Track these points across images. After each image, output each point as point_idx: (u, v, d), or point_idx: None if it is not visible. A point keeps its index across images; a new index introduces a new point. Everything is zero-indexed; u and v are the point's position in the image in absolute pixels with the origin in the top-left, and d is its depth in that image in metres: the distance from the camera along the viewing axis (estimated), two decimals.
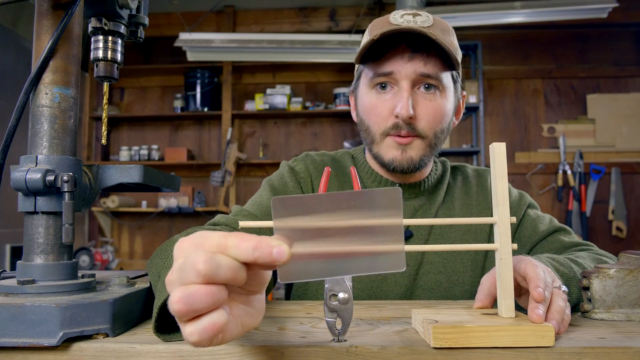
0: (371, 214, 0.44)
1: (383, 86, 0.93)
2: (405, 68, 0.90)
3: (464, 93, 1.03)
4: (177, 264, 0.40)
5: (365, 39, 0.95)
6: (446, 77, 0.94)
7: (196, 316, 0.39)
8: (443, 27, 0.92)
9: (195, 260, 0.38)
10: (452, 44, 0.91)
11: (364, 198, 0.44)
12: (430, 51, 0.90)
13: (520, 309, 0.61)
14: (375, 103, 0.94)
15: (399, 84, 0.92)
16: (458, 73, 0.98)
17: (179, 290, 0.38)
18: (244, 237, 0.40)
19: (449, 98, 0.95)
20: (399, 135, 0.92)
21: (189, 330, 0.38)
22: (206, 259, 0.38)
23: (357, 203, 0.43)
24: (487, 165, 3.76)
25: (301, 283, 1.00)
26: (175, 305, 0.38)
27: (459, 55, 0.94)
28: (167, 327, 0.57)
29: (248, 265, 0.41)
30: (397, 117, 0.91)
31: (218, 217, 0.95)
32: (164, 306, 0.54)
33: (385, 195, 0.44)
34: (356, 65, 1.01)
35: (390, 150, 0.94)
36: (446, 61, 0.91)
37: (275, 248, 0.39)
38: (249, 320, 0.44)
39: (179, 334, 0.56)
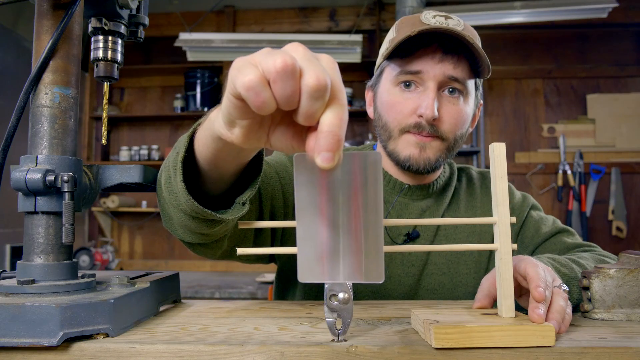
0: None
1: (407, 84, 0.92)
2: (434, 69, 0.89)
3: (481, 102, 1.02)
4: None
5: (392, 35, 0.94)
6: (471, 83, 0.93)
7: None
8: (472, 32, 0.91)
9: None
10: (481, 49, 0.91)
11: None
12: (460, 55, 0.89)
13: (521, 309, 0.61)
14: (398, 100, 0.93)
15: (425, 83, 0.90)
16: (480, 81, 0.97)
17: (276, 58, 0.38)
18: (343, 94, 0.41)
19: (470, 104, 0.95)
20: (420, 134, 0.92)
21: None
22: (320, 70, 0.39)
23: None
24: (487, 166, 3.76)
25: (302, 282, 0.99)
26: (266, 72, 0.38)
27: None
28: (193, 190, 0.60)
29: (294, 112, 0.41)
30: (420, 116, 0.90)
31: None
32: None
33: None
34: (378, 61, 0.99)
35: (407, 147, 0.93)
36: (473, 67, 0.91)
37: (326, 154, 0.39)
38: (257, 143, 0.46)
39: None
